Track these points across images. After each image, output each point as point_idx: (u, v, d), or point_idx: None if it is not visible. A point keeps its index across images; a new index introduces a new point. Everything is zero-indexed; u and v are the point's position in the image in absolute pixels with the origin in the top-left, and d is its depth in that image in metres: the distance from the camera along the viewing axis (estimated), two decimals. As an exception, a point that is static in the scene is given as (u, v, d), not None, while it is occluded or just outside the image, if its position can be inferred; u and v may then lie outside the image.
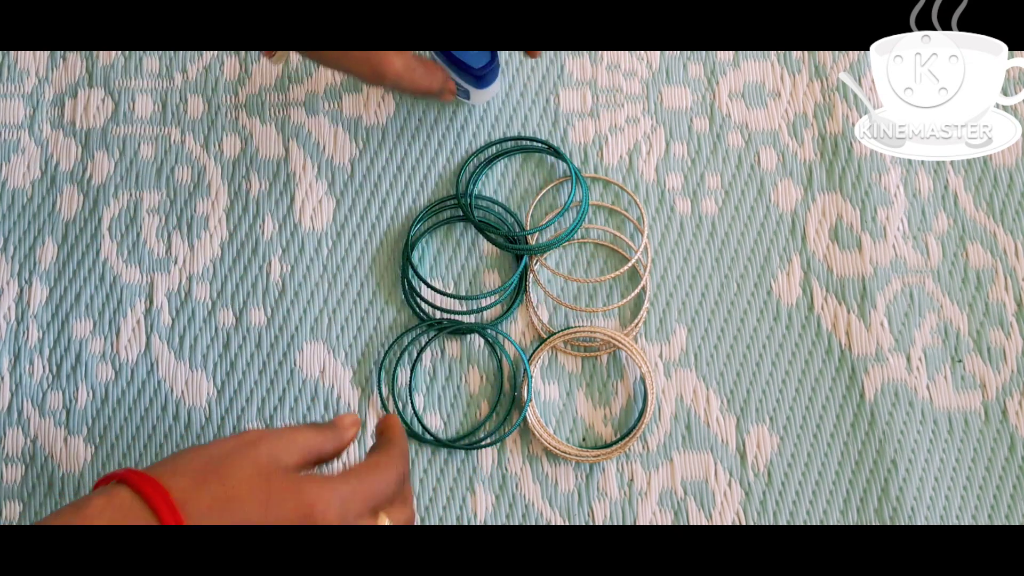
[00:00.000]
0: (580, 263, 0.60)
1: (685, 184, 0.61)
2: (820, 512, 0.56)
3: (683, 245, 0.60)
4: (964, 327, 0.58)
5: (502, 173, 0.62)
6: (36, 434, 0.57)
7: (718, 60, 0.64)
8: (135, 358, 0.58)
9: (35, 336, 0.58)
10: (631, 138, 0.62)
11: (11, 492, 0.56)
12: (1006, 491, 0.56)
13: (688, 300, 0.59)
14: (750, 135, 0.62)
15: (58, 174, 0.62)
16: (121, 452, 0.57)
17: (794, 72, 0.64)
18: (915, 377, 0.58)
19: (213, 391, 0.58)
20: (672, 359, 0.58)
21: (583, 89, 0.63)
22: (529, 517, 0.56)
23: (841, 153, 0.62)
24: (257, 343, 0.58)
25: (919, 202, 0.61)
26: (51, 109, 0.63)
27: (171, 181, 0.61)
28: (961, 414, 0.57)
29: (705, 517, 0.55)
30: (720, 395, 0.57)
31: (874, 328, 0.58)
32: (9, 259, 0.60)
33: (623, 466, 0.56)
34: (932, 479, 0.56)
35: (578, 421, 0.57)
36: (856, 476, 0.56)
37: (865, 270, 0.59)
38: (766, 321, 0.59)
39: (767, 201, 0.61)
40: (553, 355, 0.58)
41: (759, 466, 0.56)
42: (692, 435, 0.57)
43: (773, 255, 0.60)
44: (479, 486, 0.56)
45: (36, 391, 0.58)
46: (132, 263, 0.60)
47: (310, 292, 0.59)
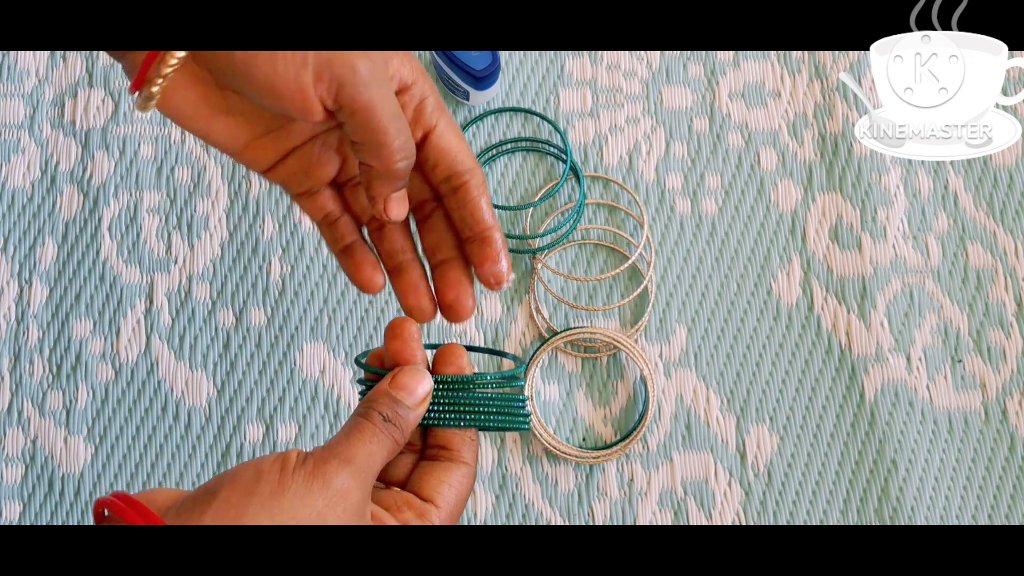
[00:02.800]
0: (580, 263, 0.60)
1: (685, 184, 0.61)
2: (820, 512, 0.56)
3: (683, 245, 0.60)
4: (964, 327, 0.58)
5: (502, 173, 0.62)
6: (36, 434, 0.57)
7: (718, 60, 0.64)
8: (135, 358, 0.58)
9: (35, 336, 0.58)
10: (631, 138, 0.62)
11: (11, 492, 0.56)
12: (1006, 491, 0.56)
13: (688, 300, 0.59)
14: (750, 135, 0.62)
15: (58, 174, 0.62)
16: (121, 452, 0.57)
17: (794, 72, 0.64)
18: (915, 377, 0.58)
19: (213, 391, 0.58)
20: (672, 359, 0.58)
21: (583, 89, 0.63)
22: (529, 517, 0.56)
23: (841, 153, 0.62)
24: (257, 343, 0.58)
25: (919, 202, 0.61)
26: (51, 109, 0.63)
27: (171, 181, 0.61)
28: (961, 414, 0.57)
29: (705, 517, 0.55)
30: (720, 395, 0.57)
31: (874, 328, 0.58)
32: (9, 259, 0.60)
33: (623, 466, 0.56)
34: (932, 479, 0.56)
35: (578, 421, 0.57)
36: (856, 476, 0.56)
37: (865, 270, 0.59)
38: (766, 321, 0.59)
39: (767, 201, 0.61)
40: (553, 355, 0.58)
41: (759, 466, 0.56)
42: (692, 435, 0.57)
43: (773, 255, 0.60)
44: (479, 486, 0.56)
45: (36, 391, 0.58)
46: (132, 263, 0.60)
47: (310, 292, 0.59)
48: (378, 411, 0.38)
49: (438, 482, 0.39)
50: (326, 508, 0.34)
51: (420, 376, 0.39)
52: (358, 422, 0.38)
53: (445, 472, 0.39)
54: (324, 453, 0.36)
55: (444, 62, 0.59)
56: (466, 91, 0.60)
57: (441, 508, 0.38)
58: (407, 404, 0.38)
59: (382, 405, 0.38)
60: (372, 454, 0.37)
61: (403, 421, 0.38)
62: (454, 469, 0.40)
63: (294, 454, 0.36)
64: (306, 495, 0.34)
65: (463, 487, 0.39)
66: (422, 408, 0.39)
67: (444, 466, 0.40)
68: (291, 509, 0.34)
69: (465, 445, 0.40)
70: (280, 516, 0.34)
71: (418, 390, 0.39)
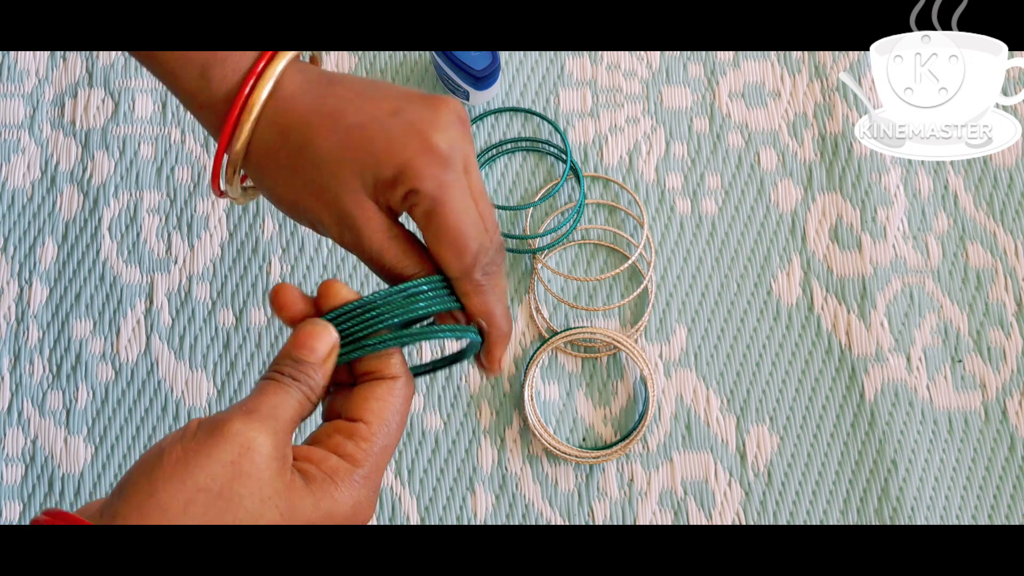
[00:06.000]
0: (580, 263, 0.60)
1: (685, 184, 0.61)
2: (820, 512, 0.56)
3: (683, 245, 0.60)
4: (964, 327, 0.58)
5: (502, 173, 0.62)
6: (36, 434, 0.57)
7: (718, 60, 0.64)
8: (135, 358, 0.58)
9: (35, 336, 0.58)
10: (631, 138, 0.62)
11: (11, 492, 0.56)
12: (1006, 491, 0.56)
13: (688, 300, 0.59)
14: (750, 135, 0.62)
15: (58, 174, 0.62)
16: (121, 452, 0.57)
17: (794, 72, 0.64)
18: (915, 377, 0.58)
19: (213, 391, 0.58)
20: (672, 359, 0.58)
21: (583, 89, 0.63)
22: (529, 517, 0.56)
23: (841, 153, 0.62)
24: (257, 343, 0.58)
25: (919, 202, 0.61)
26: (51, 109, 0.63)
27: (171, 181, 0.61)
28: (961, 414, 0.57)
29: (705, 517, 0.55)
30: (720, 395, 0.57)
31: (874, 328, 0.58)
32: (9, 259, 0.60)
33: (623, 466, 0.56)
34: (932, 479, 0.56)
35: (578, 421, 0.57)
36: (856, 476, 0.56)
37: (865, 270, 0.59)
38: (766, 321, 0.59)
39: (767, 201, 0.61)
40: (553, 355, 0.58)
41: (759, 466, 0.56)
42: (692, 435, 0.57)
43: (773, 255, 0.60)
44: (479, 486, 0.56)
45: (36, 391, 0.58)
46: (132, 263, 0.60)
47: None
48: (280, 371, 0.36)
49: (364, 400, 0.37)
50: (238, 459, 0.33)
51: (320, 330, 0.37)
52: (261, 383, 0.37)
53: (369, 388, 0.38)
54: (224, 413, 0.35)
55: (444, 62, 0.59)
56: (466, 91, 0.60)
57: (371, 423, 0.37)
58: (310, 361, 0.37)
59: (285, 366, 0.37)
60: (275, 405, 0.35)
61: (311, 379, 0.37)
62: (379, 384, 0.38)
63: (194, 422, 0.34)
64: (212, 451, 0.33)
65: (394, 399, 0.38)
66: (330, 363, 0.37)
67: (368, 384, 0.38)
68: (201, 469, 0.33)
69: (385, 361, 0.38)
70: (191, 479, 0.33)
71: (318, 347, 0.37)
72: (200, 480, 0.33)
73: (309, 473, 0.35)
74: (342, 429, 0.37)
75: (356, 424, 0.37)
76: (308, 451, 0.36)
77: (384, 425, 0.37)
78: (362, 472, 0.36)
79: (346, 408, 0.38)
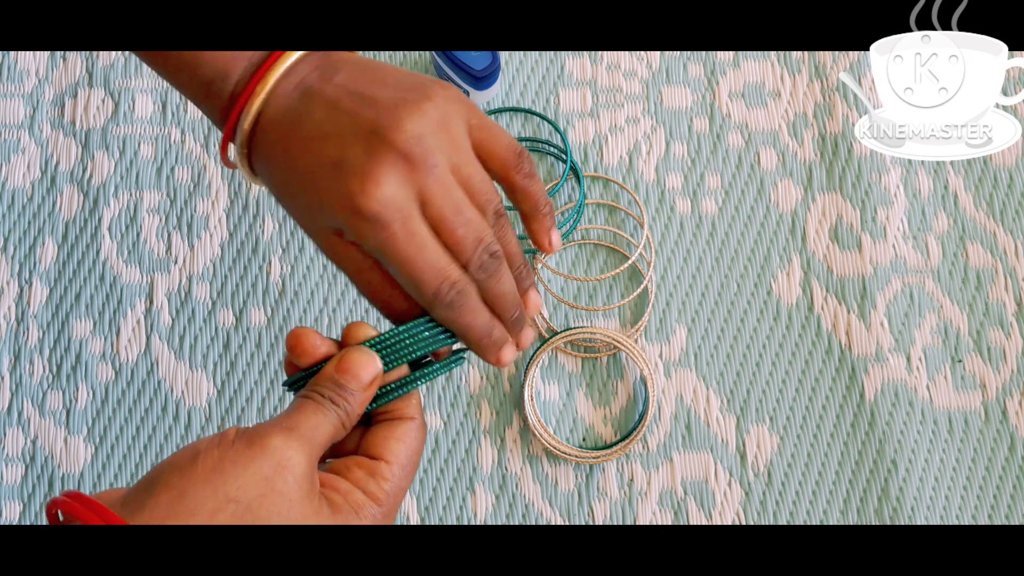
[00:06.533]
0: (580, 263, 0.60)
1: (685, 184, 0.61)
2: (820, 512, 0.56)
3: (683, 245, 0.60)
4: (964, 327, 0.58)
5: (502, 173, 0.62)
6: (36, 434, 0.57)
7: (718, 60, 0.64)
8: (135, 358, 0.58)
9: (35, 336, 0.58)
10: (631, 138, 0.62)
11: (11, 492, 0.56)
12: (1006, 491, 0.56)
13: (688, 300, 0.59)
14: (750, 135, 0.62)
15: (58, 174, 0.62)
16: (121, 452, 0.57)
17: (794, 72, 0.64)
18: (915, 377, 0.58)
19: (213, 391, 0.58)
20: (672, 359, 0.58)
21: (583, 89, 0.63)
22: (529, 517, 0.56)
23: (841, 153, 0.62)
24: (257, 343, 0.58)
25: (919, 202, 0.61)
26: (51, 109, 0.63)
27: (171, 181, 0.61)
28: (961, 414, 0.57)
29: (705, 517, 0.55)
30: (720, 395, 0.57)
31: (874, 328, 0.58)
32: (9, 259, 0.60)
33: (623, 466, 0.56)
34: (932, 479, 0.56)
35: (578, 421, 0.57)
36: (856, 476, 0.56)
37: (865, 270, 0.59)
38: (766, 321, 0.59)
39: (767, 201, 0.61)
40: (553, 355, 0.58)
41: (759, 466, 0.56)
42: (692, 435, 0.57)
43: (773, 255, 0.60)
44: (479, 486, 0.56)
45: (36, 391, 0.58)
46: (132, 263, 0.60)
47: (310, 292, 0.59)
48: (321, 393, 0.37)
49: (384, 439, 0.38)
50: (272, 476, 0.34)
51: (367, 359, 0.38)
52: (300, 400, 0.37)
53: (391, 429, 0.38)
54: (264, 426, 0.35)
55: (444, 62, 0.59)
56: (466, 91, 0.60)
57: (392, 463, 0.37)
58: (351, 388, 0.37)
59: (326, 388, 0.37)
60: (315, 426, 0.36)
61: (349, 405, 0.37)
62: (400, 425, 0.39)
63: (232, 431, 0.35)
64: (248, 463, 0.33)
65: (412, 441, 0.38)
66: (370, 392, 0.38)
67: (389, 424, 0.39)
68: (235, 479, 0.33)
69: (406, 402, 0.39)
70: (224, 488, 0.33)
71: (363, 375, 0.37)
72: (232, 490, 0.33)
73: (336, 503, 0.36)
74: (363, 465, 0.37)
75: (378, 463, 0.37)
76: (335, 480, 0.37)
77: (403, 467, 0.38)
78: (383, 511, 0.37)
79: (366, 445, 0.38)
